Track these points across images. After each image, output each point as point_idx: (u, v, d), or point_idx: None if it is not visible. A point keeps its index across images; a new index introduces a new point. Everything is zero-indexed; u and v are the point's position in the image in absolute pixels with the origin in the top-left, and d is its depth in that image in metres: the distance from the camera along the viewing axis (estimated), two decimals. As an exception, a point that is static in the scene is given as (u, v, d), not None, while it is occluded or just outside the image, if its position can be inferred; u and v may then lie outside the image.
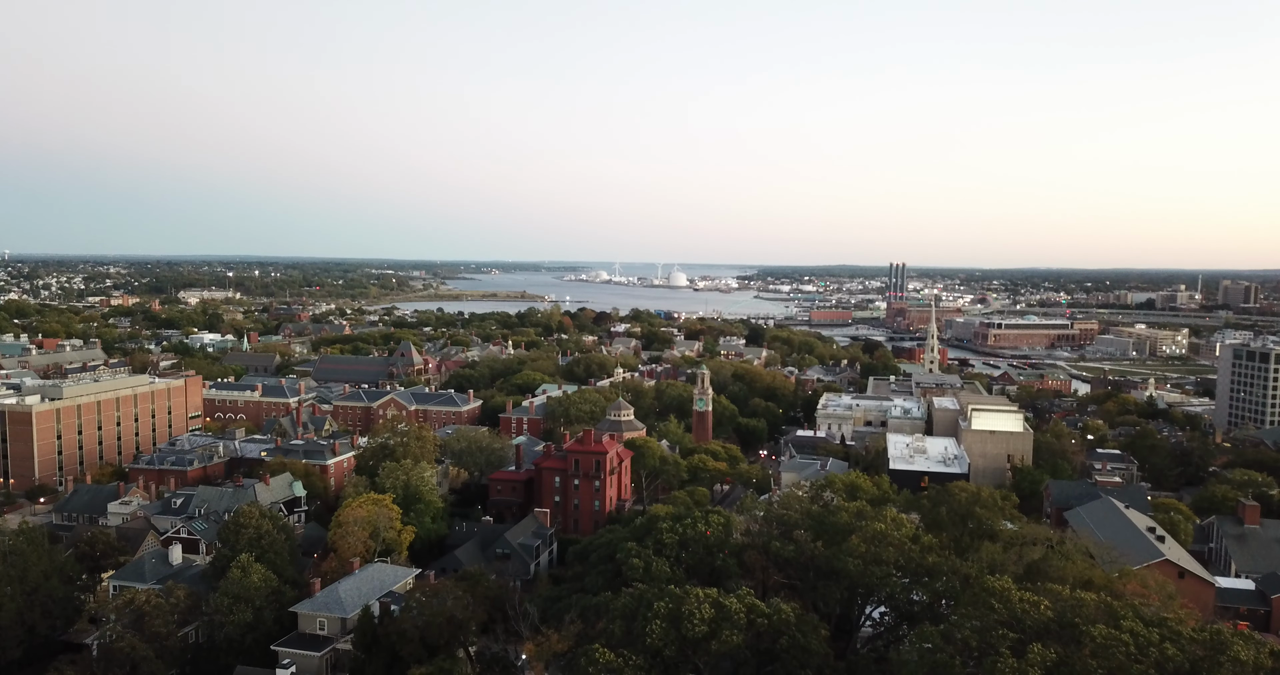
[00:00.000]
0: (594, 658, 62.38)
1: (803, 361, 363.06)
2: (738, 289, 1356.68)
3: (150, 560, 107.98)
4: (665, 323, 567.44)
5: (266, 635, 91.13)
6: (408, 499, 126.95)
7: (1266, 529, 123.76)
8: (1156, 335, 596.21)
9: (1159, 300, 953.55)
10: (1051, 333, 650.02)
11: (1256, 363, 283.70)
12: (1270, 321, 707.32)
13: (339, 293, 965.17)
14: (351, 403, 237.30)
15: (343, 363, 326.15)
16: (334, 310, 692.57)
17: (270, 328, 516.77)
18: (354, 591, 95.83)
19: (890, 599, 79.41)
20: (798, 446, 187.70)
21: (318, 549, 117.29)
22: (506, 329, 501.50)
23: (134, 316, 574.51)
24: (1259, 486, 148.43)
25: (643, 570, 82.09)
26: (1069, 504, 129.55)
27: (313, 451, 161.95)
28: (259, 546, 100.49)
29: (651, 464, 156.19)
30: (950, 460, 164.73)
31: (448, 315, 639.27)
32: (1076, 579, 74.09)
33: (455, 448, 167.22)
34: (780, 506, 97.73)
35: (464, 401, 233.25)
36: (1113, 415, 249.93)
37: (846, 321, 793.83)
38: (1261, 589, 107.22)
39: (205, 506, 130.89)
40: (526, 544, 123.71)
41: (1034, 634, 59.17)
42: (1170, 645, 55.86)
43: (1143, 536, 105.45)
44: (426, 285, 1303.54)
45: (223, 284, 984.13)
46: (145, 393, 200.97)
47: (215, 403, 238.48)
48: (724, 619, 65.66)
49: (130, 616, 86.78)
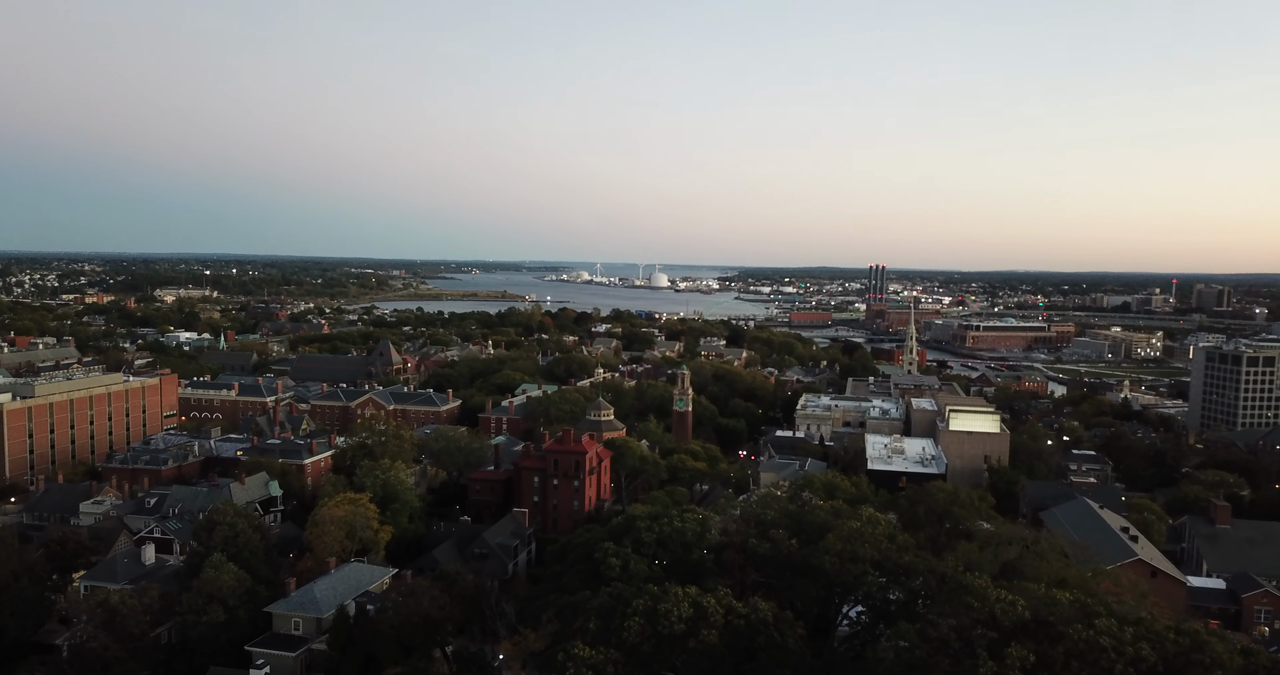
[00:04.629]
0: (574, 654, 62.14)
1: (783, 362, 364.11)
2: (719, 290, 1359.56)
3: (122, 560, 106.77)
4: (646, 323, 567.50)
5: (241, 635, 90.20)
6: (385, 498, 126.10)
7: (1237, 529, 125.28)
8: (1131, 338, 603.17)
9: (1134, 303, 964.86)
10: (1029, 335, 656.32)
11: (1229, 365, 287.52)
12: (1242, 325, 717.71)
13: (318, 291, 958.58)
14: (329, 402, 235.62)
15: (321, 361, 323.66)
16: (312, 309, 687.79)
17: (248, 326, 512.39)
18: (330, 591, 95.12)
19: (867, 597, 79.62)
20: (777, 447, 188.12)
21: (294, 548, 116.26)
22: (487, 328, 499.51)
23: (109, 314, 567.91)
24: (1230, 487, 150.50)
25: (620, 569, 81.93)
26: (1044, 504, 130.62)
27: (289, 451, 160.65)
28: (233, 546, 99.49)
29: (631, 464, 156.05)
30: (928, 460, 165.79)
31: (427, 314, 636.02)
32: (1051, 578, 74.59)
33: (434, 447, 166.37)
34: (758, 506, 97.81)
35: (443, 401, 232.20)
36: (1088, 416, 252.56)
37: (826, 323, 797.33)
38: (1232, 588, 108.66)
39: (179, 506, 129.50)
40: (505, 544, 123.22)
41: (1011, 632, 59.50)
42: (1146, 644, 56.29)
43: (1116, 536, 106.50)
44: (406, 284, 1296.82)
45: (200, 282, 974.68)
46: (119, 391, 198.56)
47: (191, 401, 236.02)
48: (702, 618, 65.64)
49: (102, 617, 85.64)
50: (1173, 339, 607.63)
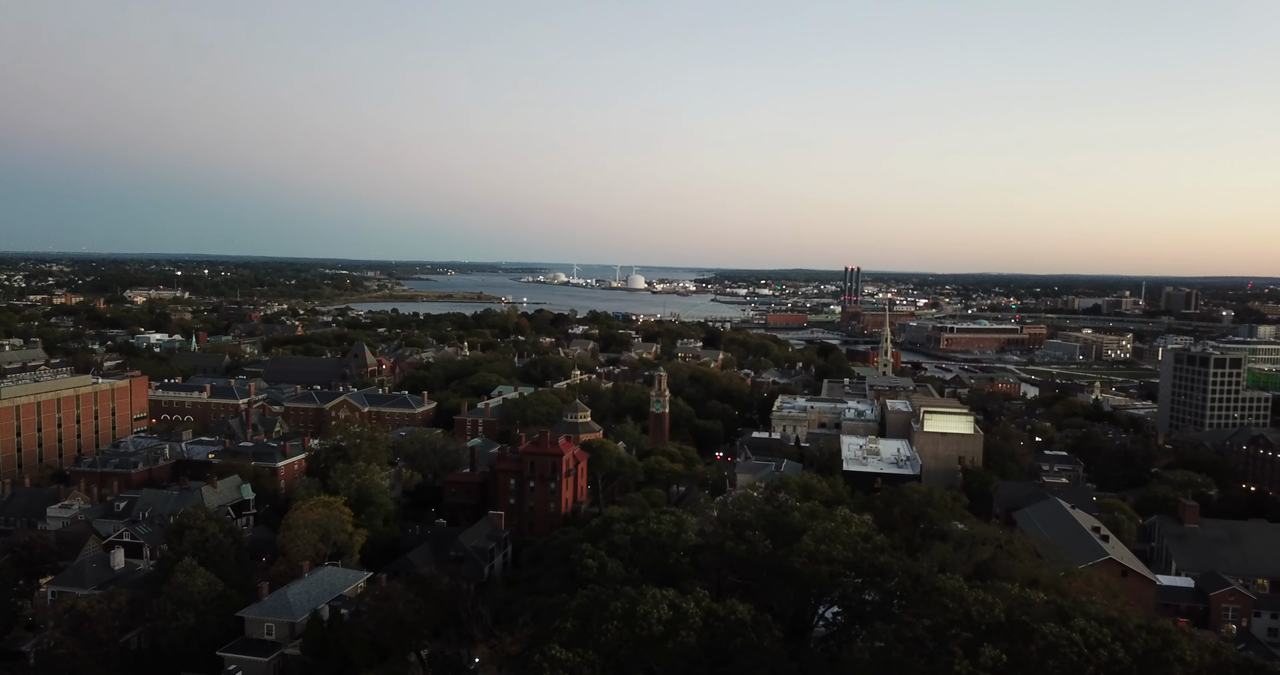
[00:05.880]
0: (550, 656, 61.86)
1: (759, 364, 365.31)
2: (695, 292, 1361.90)
3: (91, 565, 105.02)
4: (623, 325, 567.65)
5: (212, 641, 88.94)
6: (360, 501, 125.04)
7: (1205, 528, 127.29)
8: (1102, 340, 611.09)
9: (1105, 306, 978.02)
10: (1002, 337, 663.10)
11: (1196, 367, 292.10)
12: (1209, 327, 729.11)
13: (291, 293, 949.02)
14: (303, 404, 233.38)
15: (294, 364, 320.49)
16: (286, 310, 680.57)
17: (220, 328, 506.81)
18: (303, 595, 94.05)
19: (843, 598, 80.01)
20: (753, 448, 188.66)
21: (266, 552, 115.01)
22: (462, 330, 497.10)
23: (77, 315, 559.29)
24: (1198, 487, 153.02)
25: (597, 571, 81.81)
26: (1017, 504, 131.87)
27: (262, 453, 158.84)
28: (204, 550, 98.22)
29: (608, 466, 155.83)
30: (903, 462, 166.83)
31: (403, 316, 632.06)
32: (1024, 578, 75.31)
33: (409, 450, 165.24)
34: (735, 507, 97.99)
35: (418, 403, 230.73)
36: (1060, 417, 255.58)
37: (802, 325, 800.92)
38: (1200, 587, 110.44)
39: (149, 510, 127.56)
40: (480, 547, 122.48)
41: (985, 632, 59.94)
42: (1119, 644, 56.89)
43: (1088, 536, 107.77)
44: (381, 286, 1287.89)
45: (171, 283, 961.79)
46: (88, 393, 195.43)
47: (162, 404, 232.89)
48: (680, 620, 65.61)
49: (70, 623, 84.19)
50: (1142, 341, 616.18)
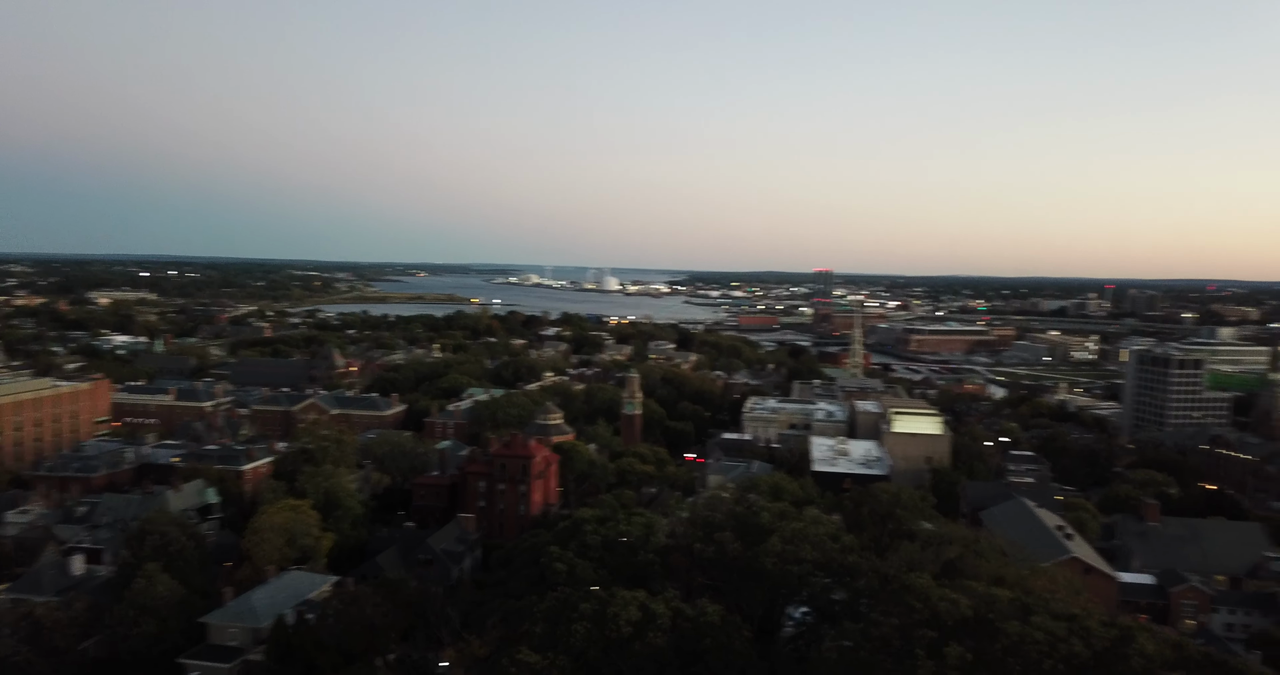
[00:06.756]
0: (519, 660, 61.51)
1: (731, 365, 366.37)
2: (668, 294, 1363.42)
3: (49, 571, 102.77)
4: (596, 326, 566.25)
5: (174, 647, 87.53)
6: (327, 505, 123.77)
7: (1166, 526, 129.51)
8: (1068, 341, 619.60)
9: (1071, 308, 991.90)
10: (970, 338, 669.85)
11: (1159, 368, 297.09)
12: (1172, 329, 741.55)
13: (260, 294, 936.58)
14: (271, 406, 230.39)
15: (262, 366, 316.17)
16: (255, 312, 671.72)
17: (187, 330, 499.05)
18: (268, 600, 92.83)
19: (812, 598, 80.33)
20: (724, 449, 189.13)
21: (231, 557, 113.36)
22: (433, 332, 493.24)
23: (39, 317, 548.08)
24: (1159, 486, 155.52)
25: (566, 573, 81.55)
26: (984, 504, 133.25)
27: (227, 457, 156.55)
28: (166, 555, 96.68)
29: (580, 467, 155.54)
30: (872, 462, 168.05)
31: (373, 318, 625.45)
32: (990, 576, 76.11)
33: (378, 452, 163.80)
34: (705, 508, 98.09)
35: (387, 405, 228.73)
36: (1026, 418, 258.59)
37: (773, 326, 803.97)
38: (1160, 584, 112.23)
39: (111, 515, 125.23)
40: (450, 549, 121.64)
41: (951, 631, 60.45)
42: (1078, 640, 57.66)
43: (1052, 535, 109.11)
44: (351, 287, 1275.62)
45: (136, 284, 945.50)
46: (49, 396, 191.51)
47: (125, 407, 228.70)
48: (649, 622, 65.54)
49: (26, 630, 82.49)
50: (1107, 342, 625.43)
